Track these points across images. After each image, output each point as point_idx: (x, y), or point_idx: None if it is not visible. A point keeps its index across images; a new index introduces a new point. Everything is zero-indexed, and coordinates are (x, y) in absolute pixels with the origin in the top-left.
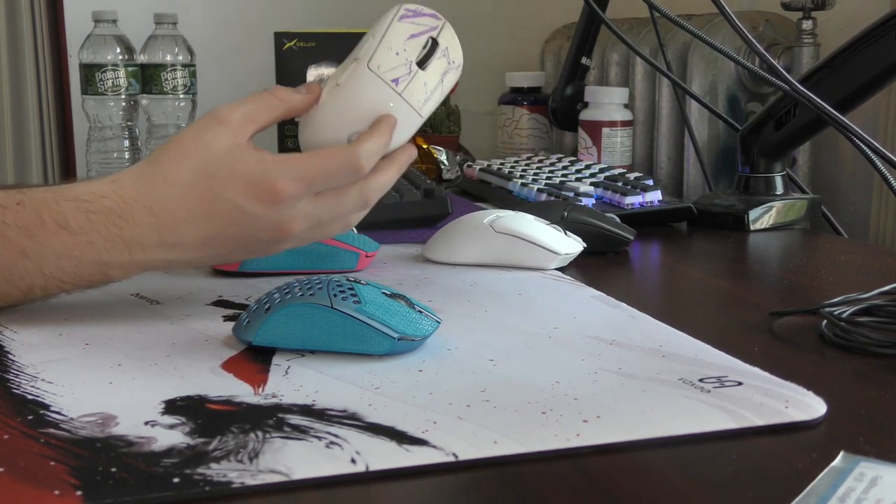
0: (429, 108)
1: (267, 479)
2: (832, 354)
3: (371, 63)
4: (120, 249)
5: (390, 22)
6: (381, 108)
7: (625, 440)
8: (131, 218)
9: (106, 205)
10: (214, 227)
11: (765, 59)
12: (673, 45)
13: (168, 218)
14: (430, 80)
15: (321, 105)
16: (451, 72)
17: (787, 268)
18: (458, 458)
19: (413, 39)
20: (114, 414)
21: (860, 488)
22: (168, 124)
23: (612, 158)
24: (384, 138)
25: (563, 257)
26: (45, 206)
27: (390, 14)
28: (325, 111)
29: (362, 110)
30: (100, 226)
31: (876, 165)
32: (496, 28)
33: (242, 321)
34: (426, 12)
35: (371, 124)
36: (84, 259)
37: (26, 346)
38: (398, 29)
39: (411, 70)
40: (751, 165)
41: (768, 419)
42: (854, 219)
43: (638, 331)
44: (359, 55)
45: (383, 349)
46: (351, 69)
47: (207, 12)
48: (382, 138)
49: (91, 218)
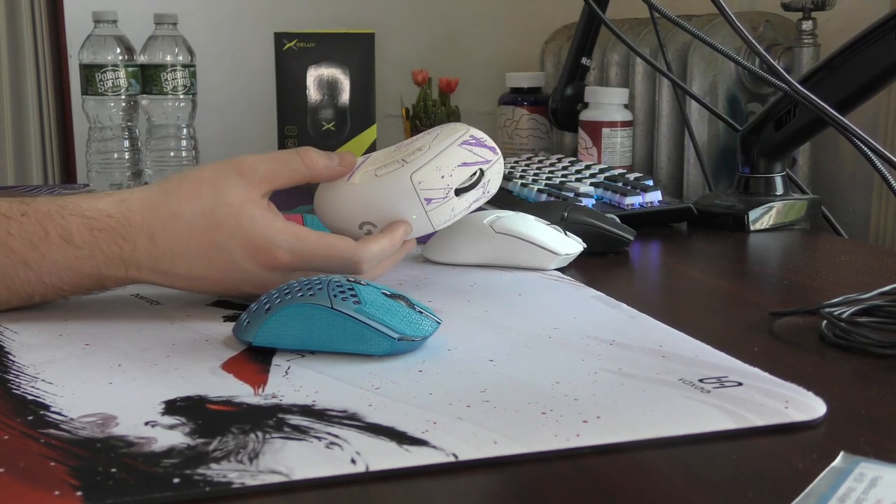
0: (446, 225)
1: (267, 479)
2: (832, 354)
3: (414, 176)
4: (117, 266)
5: (450, 144)
6: (403, 215)
7: (625, 440)
8: (132, 241)
9: (111, 224)
10: (208, 270)
11: (765, 60)
12: (673, 46)
13: (167, 249)
14: (459, 205)
15: (351, 184)
16: (482, 199)
17: (787, 268)
18: (458, 458)
19: (463, 168)
20: (114, 414)
21: (860, 488)
22: (168, 124)
23: (612, 159)
24: (392, 246)
25: (563, 258)
26: (50, 219)
27: (455, 134)
28: (352, 193)
29: (386, 210)
30: (102, 243)
31: (876, 165)
32: (496, 28)
33: (242, 321)
34: (487, 144)
35: (386, 224)
36: (83, 271)
37: (26, 346)
38: (454, 153)
39: (448, 196)
40: (751, 166)
41: (768, 419)
42: (854, 219)
43: (638, 331)
44: (408, 159)
45: (383, 349)
46: (394, 170)
47: (207, 12)
48: (391, 246)
49: (95, 235)
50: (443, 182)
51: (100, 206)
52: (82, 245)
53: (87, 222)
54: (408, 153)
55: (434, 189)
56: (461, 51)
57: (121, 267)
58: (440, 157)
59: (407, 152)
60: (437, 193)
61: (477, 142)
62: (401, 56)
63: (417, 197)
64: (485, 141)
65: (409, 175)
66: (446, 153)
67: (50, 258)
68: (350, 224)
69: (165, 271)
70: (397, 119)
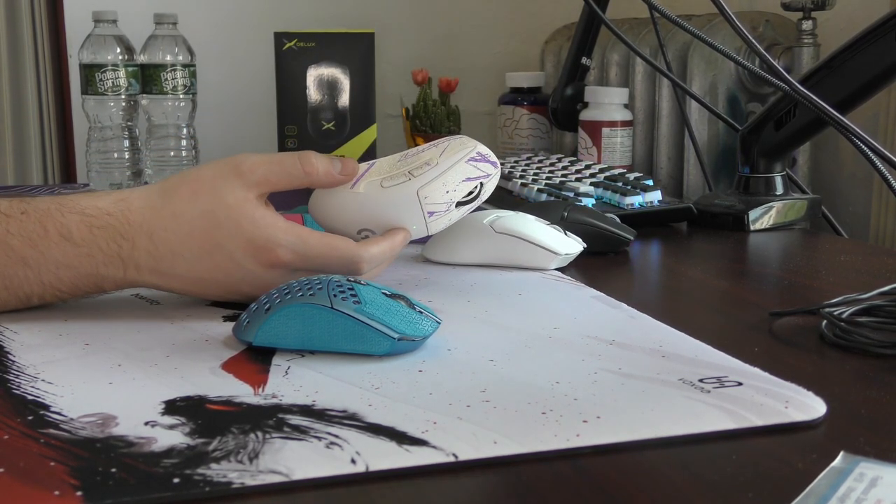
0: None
1: (267, 479)
2: (832, 354)
3: (421, 192)
4: (116, 266)
5: (458, 160)
6: (403, 223)
7: (625, 440)
8: (132, 240)
9: (110, 222)
10: (208, 270)
11: (765, 60)
12: (673, 46)
13: (167, 249)
14: (457, 215)
15: (355, 193)
16: (474, 208)
17: (787, 268)
18: (458, 458)
19: (466, 182)
20: (114, 414)
21: (860, 488)
22: (168, 124)
23: (612, 158)
24: (392, 251)
25: (563, 257)
26: (49, 217)
27: (464, 150)
28: (356, 201)
29: (386, 219)
30: (101, 241)
31: (876, 165)
32: (496, 28)
33: (242, 321)
34: (491, 159)
35: (385, 230)
36: (82, 271)
37: (26, 346)
38: (461, 170)
39: (449, 209)
40: (751, 166)
41: (768, 419)
42: (854, 219)
43: (638, 331)
44: (415, 172)
45: (383, 349)
46: (401, 183)
47: (207, 12)
48: (391, 251)
49: (94, 233)
50: (447, 197)
51: (99, 204)
52: (81, 243)
53: (86, 220)
54: (415, 166)
55: (438, 203)
56: (461, 51)
57: (119, 267)
58: (446, 174)
59: (414, 165)
60: (440, 207)
61: (482, 158)
62: (401, 56)
63: (421, 210)
64: (489, 157)
65: (416, 190)
66: (452, 170)
67: (49, 256)
68: (349, 229)
69: (165, 272)
70: (397, 119)
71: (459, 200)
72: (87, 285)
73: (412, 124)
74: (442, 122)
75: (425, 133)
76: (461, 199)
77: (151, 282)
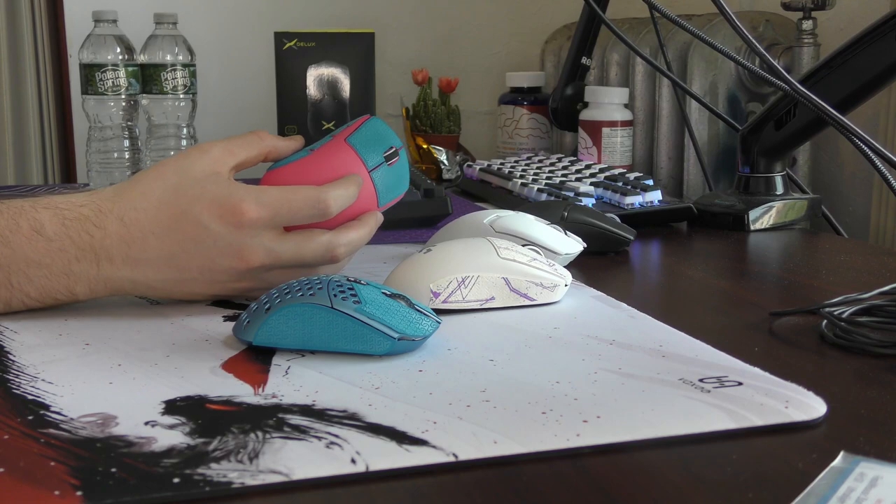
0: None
1: (267, 479)
2: (832, 354)
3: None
4: (89, 259)
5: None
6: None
7: (625, 440)
8: (104, 227)
9: (83, 213)
10: (178, 243)
11: (765, 59)
12: (673, 45)
13: (137, 230)
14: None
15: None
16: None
17: (787, 268)
18: (458, 458)
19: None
20: (114, 414)
21: (860, 488)
22: (168, 124)
23: (612, 158)
24: (351, 189)
25: (563, 257)
26: (22, 213)
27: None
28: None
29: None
30: (73, 233)
31: (876, 165)
32: (496, 28)
33: (242, 321)
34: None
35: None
36: (54, 269)
37: (26, 346)
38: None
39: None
40: (751, 165)
41: (768, 419)
42: (854, 219)
43: (638, 331)
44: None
45: (383, 349)
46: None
47: (207, 12)
48: (350, 188)
49: (67, 224)
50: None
51: (72, 199)
52: (54, 237)
53: (59, 213)
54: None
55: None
56: (461, 51)
57: (93, 261)
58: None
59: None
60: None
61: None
62: (401, 56)
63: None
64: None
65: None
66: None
67: (20, 253)
68: None
69: (137, 258)
70: (397, 119)
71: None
72: (58, 288)
73: (412, 124)
74: (442, 122)
75: (425, 133)
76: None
77: (126, 275)
